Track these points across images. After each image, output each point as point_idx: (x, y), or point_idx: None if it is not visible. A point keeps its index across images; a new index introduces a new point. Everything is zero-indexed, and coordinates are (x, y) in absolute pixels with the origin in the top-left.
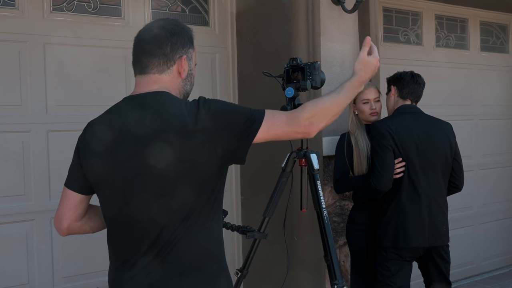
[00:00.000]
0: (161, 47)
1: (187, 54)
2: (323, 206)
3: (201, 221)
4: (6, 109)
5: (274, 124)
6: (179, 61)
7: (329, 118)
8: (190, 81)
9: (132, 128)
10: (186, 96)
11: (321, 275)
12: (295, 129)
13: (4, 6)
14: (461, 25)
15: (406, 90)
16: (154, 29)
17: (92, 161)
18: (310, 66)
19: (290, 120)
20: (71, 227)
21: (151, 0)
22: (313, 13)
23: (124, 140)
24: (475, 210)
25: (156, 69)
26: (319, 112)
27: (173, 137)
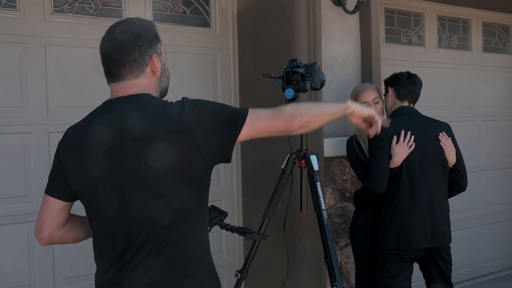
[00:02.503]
0: (129, 54)
1: (156, 51)
2: (323, 207)
3: (200, 221)
4: (7, 110)
5: (257, 118)
6: (151, 61)
7: (311, 119)
8: (165, 76)
9: (123, 130)
10: (164, 91)
11: (321, 277)
12: (278, 121)
13: (5, 8)
14: (464, 26)
15: (403, 91)
16: (117, 35)
17: (81, 165)
18: (309, 67)
19: (274, 113)
20: (52, 235)
21: (152, 1)
22: (314, 14)
23: (117, 142)
24: (477, 211)
25: (130, 75)
26: (301, 108)
27: (160, 138)
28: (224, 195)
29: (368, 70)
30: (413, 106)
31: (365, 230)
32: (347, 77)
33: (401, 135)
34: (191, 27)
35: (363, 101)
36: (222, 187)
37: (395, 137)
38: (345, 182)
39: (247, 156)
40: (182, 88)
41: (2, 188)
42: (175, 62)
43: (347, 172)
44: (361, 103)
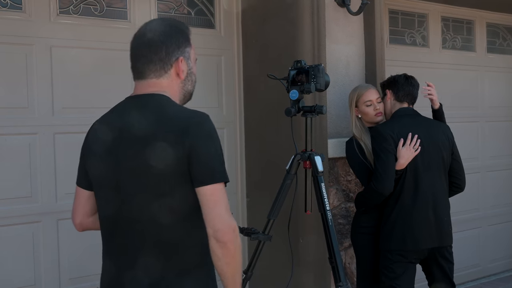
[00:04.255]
0: (156, 52)
1: (184, 54)
2: (327, 208)
3: (199, 221)
4: (13, 111)
5: (215, 198)
6: (176, 63)
7: (233, 258)
8: (190, 80)
9: (130, 128)
10: (188, 95)
11: (326, 277)
12: (223, 218)
13: (11, 9)
14: (468, 27)
15: (401, 92)
16: (148, 33)
17: (92, 160)
18: (314, 69)
19: (227, 211)
20: (83, 222)
21: (157, 2)
22: (318, 15)
23: (123, 140)
24: (482, 212)
25: (153, 74)
26: (239, 240)
27: (165, 139)
28: (228, 195)
29: (372, 71)
30: (412, 107)
31: (369, 232)
32: (351, 78)
33: (408, 137)
34: (195, 28)
35: (367, 100)
36: (227, 188)
37: (401, 139)
38: (349, 183)
39: (252, 156)
40: None
41: (8, 188)
42: None
43: (351, 173)
44: (365, 103)
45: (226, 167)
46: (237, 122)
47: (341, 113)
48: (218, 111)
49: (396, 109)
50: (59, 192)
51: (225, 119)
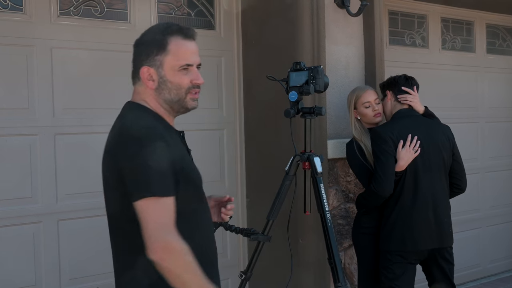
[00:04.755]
0: (134, 60)
1: (151, 63)
2: (326, 209)
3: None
4: (14, 112)
5: (147, 212)
6: (141, 73)
7: (176, 274)
8: (167, 89)
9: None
10: (170, 103)
11: (325, 278)
12: (150, 237)
13: (12, 11)
14: (467, 28)
15: (402, 93)
16: (137, 39)
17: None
18: (313, 70)
19: (163, 230)
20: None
21: (157, 4)
22: (318, 17)
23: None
24: (482, 212)
25: (133, 80)
26: (183, 257)
27: (109, 152)
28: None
29: (372, 72)
30: (413, 108)
31: (370, 233)
32: (350, 79)
33: (407, 139)
34: (195, 30)
35: (365, 101)
36: (226, 188)
37: (401, 141)
38: (349, 184)
39: (251, 157)
40: None
41: (8, 189)
42: None
43: (350, 173)
44: (364, 105)
45: (224, 168)
46: (237, 123)
47: (340, 114)
48: (218, 112)
49: (396, 110)
50: (59, 193)
51: (225, 120)
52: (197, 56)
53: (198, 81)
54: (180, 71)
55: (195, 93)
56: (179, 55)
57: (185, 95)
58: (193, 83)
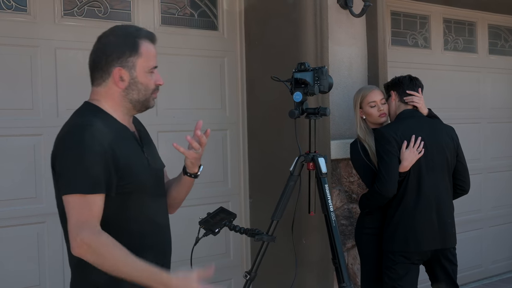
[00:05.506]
0: (99, 61)
1: (123, 64)
2: (331, 209)
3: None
4: (18, 112)
5: (68, 208)
6: (113, 73)
7: (101, 267)
8: (136, 89)
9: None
10: (136, 103)
11: (328, 278)
12: (70, 235)
13: (16, 11)
14: (469, 28)
15: (407, 94)
16: (98, 40)
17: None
18: (318, 71)
19: (79, 226)
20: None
21: (160, 4)
22: (321, 17)
23: None
24: (483, 213)
25: (95, 82)
26: (100, 254)
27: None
28: (231, 196)
29: (375, 72)
30: (417, 109)
31: (374, 233)
32: (353, 79)
33: (411, 140)
34: (198, 30)
35: (371, 101)
36: (230, 189)
37: (405, 142)
38: (352, 184)
39: (255, 157)
40: (190, 90)
41: (13, 189)
42: (183, 65)
43: (354, 174)
44: (369, 104)
45: (227, 168)
46: (240, 123)
47: (343, 114)
48: (221, 112)
49: (401, 111)
50: None
51: (228, 120)
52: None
53: (160, 82)
54: (148, 73)
55: (156, 93)
56: (149, 58)
57: (150, 95)
58: (156, 84)
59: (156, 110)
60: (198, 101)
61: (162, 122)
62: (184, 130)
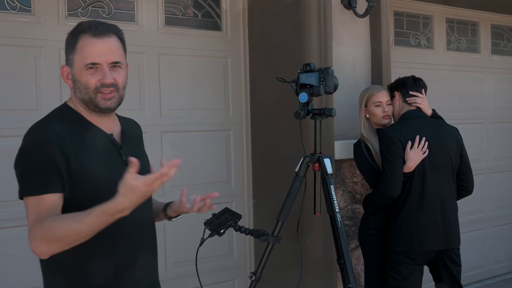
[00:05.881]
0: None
1: (68, 62)
2: (337, 210)
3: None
4: (22, 113)
5: (27, 210)
6: (60, 70)
7: (64, 245)
8: (78, 89)
9: None
10: (83, 103)
11: (332, 278)
12: (29, 239)
13: (20, 12)
14: (472, 29)
15: (410, 95)
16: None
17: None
18: (323, 72)
19: (31, 227)
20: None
21: (164, 5)
22: (325, 18)
23: None
24: (486, 213)
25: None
26: (50, 236)
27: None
28: (235, 197)
29: (378, 73)
30: (421, 109)
31: (377, 234)
32: (357, 80)
33: (415, 140)
34: (202, 30)
35: (377, 101)
36: (233, 189)
37: (409, 142)
38: (356, 185)
39: (258, 158)
40: (193, 91)
41: (17, 190)
42: (187, 65)
43: (357, 174)
44: (375, 104)
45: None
46: (244, 123)
47: (347, 115)
48: (225, 112)
49: (404, 111)
50: None
51: (232, 121)
52: (108, 55)
53: (104, 80)
54: (87, 70)
55: (107, 93)
56: (84, 53)
57: (95, 94)
58: (101, 83)
59: (160, 111)
60: (201, 101)
61: (166, 122)
62: (187, 130)
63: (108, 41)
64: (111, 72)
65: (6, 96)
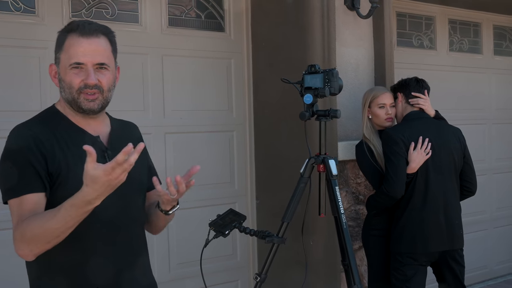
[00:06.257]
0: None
1: (56, 60)
2: (341, 211)
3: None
4: (26, 114)
5: (11, 213)
6: (48, 69)
7: (43, 244)
8: (63, 88)
9: None
10: (70, 102)
11: (336, 279)
12: (13, 242)
13: (24, 13)
14: (474, 29)
15: (413, 96)
16: None
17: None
18: (328, 73)
19: (13, 230)
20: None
21: (168, 6)
22: (328, 19)
23: None
24: (488, 214)
25: None
26: (28, 236)
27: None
28: (238, 197)
29: (382, 74)
30: (423, 110)
31: (381, 235)
32: (360, 81)
33: (418, 141)
34: (205, 31)
35: (381, 103)
36: (236, 190)
37: (412, 143)
38: (359, 186)
39: (261, 159)
40: (196, 92)
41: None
42: (190, 66)
43: (361, 175)
44: (379, 105)
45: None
46: (247, 124)
47: (350, 116)
48: (228, 113)
49: (407, 112)
50: None
51: (235, 122)
52: (94, 55)
53: (87, 81)
54: (72, 70)
55: (90, 94)
56: (70, 53)
57: (78, 95)
58: (84, 83)
59: (164, 112)
60: (204, 102)
61: (169, 123)
62: (191, 131)
63: (95, 42)
64: (96, 73)
65: (11, 97)
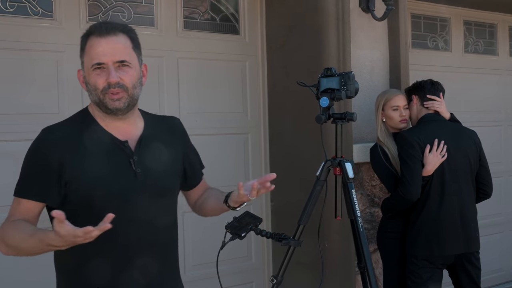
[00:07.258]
0: None
1: (81, 64)
2: (358, 214)
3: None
4: (44, 117)
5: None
6: (77, 74)
7: (16, 253)
8: (89, 91)
9: None
10: (96, 105)
11: (351, 282)
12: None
13: (42, 17)
14: (490, 31)
15: (428, 99)
16: None
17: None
18: (344, 76)
19: (2, 223)
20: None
21: (183, 9)
22: (343, 21)
23: None
24: (504, 216)
25: None
26: (5, 240)
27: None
28: (253, 200)
29: (397, 76)
30: (438, 113)
31: (397, 237)
32: (375, 83)
33: (434, 144)
34: (220, 34)
35: (395, 105)
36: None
37: (428, 146)
38: (374, 188)
39: (276, 161)
40: (212, 94)
41: None
42: (205, 69)
43: (376, 178)
44: (392, 108)
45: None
46: (262, 127)
47: (365, 118)
48: (243, 116)
49: (422, 115)
50: None
51: (250, 124)
52: (113, 54)
53: (109, 79)
54: (94, 71)
55: (114, 93)
56: (91, 54)
57: (103, 96)
58: (108, 83)
59: (179, 114)
60: (219, 105)
61: (185, 126)
62: (206, 133)
63: (113, 40)
64: (117, 71)
65: (29, 101)
